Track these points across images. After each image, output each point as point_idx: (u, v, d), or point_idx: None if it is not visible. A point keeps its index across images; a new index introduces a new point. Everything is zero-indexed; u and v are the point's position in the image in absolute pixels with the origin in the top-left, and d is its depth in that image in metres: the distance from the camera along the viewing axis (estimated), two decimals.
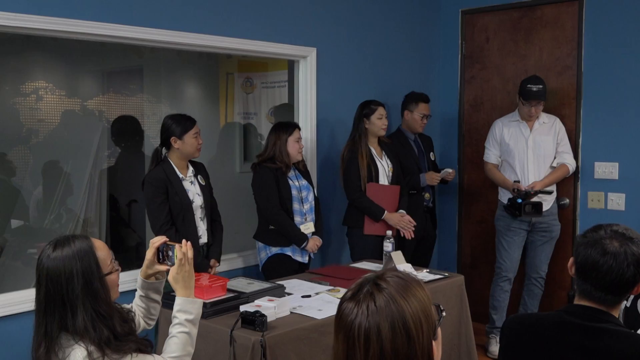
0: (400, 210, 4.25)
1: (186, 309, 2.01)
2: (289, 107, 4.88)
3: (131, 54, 5.04)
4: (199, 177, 3.57)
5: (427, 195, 4.61)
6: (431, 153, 4.76)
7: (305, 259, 3.92)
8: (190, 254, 2.05)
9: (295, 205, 3.86)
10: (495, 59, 5.03)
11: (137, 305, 2.25)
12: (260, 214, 3.89)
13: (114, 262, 1.96)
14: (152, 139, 5.15)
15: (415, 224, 4.22)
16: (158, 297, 2.26)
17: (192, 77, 5.61)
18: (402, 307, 1.29)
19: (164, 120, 3.50)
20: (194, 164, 3.59)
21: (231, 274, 3.78)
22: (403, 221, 4.17)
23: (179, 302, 2.02)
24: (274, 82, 5.38)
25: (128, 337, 1.88)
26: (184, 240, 2.09)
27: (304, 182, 3.96)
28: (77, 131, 4.85)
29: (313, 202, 3.98)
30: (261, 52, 4.15)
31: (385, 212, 4.13)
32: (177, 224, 3.42)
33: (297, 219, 3.87)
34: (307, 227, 3.90)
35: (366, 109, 4.21)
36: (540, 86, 4.25)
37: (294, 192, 3.86)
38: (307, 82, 4.36)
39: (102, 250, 1.91)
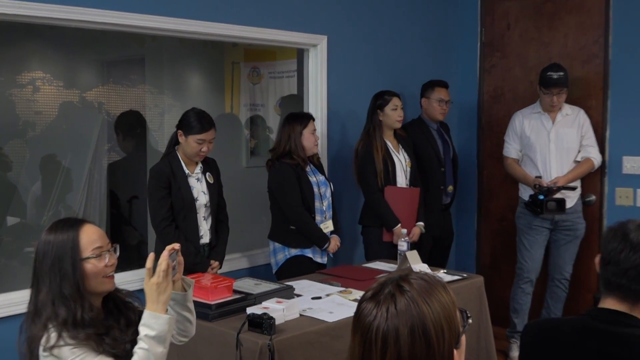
0: (419, 223, 4.24)
1: (148, 324, 1.94)
2: (298, 98, 4.88)
3: (132, 42, 5.06)
4: (207, 174, 3.55)
5: (450, 187, 4.58)
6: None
7: (324, 260, 3.92)
8: (164, 265, 1.96)
9: (316, 203, 3.85)
10: (517, 46, 5.00)
11: None
12: (280, 213, 3.86)
13: (101, 250, 1.99)
14: (154, 132, 5.17)
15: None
16: (187, 314, 2.17)
17: (196, 66, 5.63)
18: (423, 311, 1.29)
19: (188, 110, 3.46)
20: (205, 159, 3.55)
21: (236, 274, 3.79)
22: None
23: (144, 315, 1.97)
24: (282, 72, 5.38)
25: (89, 328, 1.91)
26: (167, 250, 2.01)
27: (321, 177, 3.95)
28: (75, 124, 4.87)
29: (330, 199, 3.96)
30: (269, 41, 4.15)
31: (399, 225, 4.08)
32: (178, 221, 3.41)
33: (317, 217, 3.85)
34: (327, 226, 3.88)
35: (380, 99, 4.20)
36: (561, 73, 4.23)
37: (314, 189, 3.85)
38: (317, 72, 4.36)
39: (89, 235, 1.98)
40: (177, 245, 2.05)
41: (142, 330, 1.93)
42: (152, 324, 1.93)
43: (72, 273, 1.94)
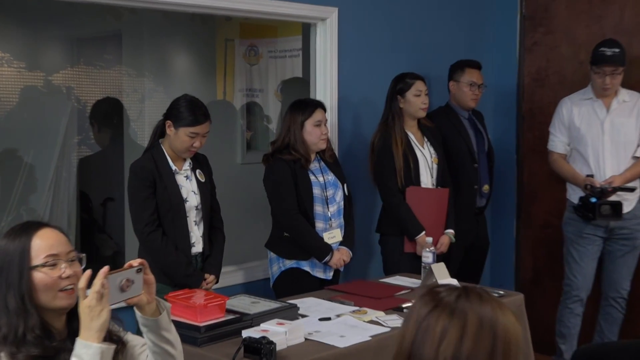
0: (448, 231, 4.23)
1: (78, 354, 1.93)
2: (303, 82, 4.87)
3: (107, 16, 5.06)
4: (197, 171, 3.55)
5: (485, 187, 4.57)
6: None
7: (329, 275, 3.90)
8: (97, 286, 1.94)
9: (318, 208, 3.84)
10: (564, 20, 4.99)
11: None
12: (274, 217, 3.88)
13: (57, 258, 1.99)
14: (132, 122, 5.16)
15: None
16: (165, 346, 2.10)
17: (183, 45, 5.64)
18: (497, 314, 1.38)
19: (179, 97, 3.46)
20: (195, 154, 3.55)
21: (229, 291, 3.78)
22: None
23: (76, 343, 1.96)
24: (284, 51, 5.39)
25: (33, 348, 1.92)
26: (106, 267, 1.99)
27: (331, 177, 3.93)
28: (40, 112, 4.89)
29: (342, 203, 3.95)
30: (269, 14, 4.15)
31: (423, 233, 4.07)
32: (165, 225, 3.41)
33: (319, 225, 3.84)
34: (333, 236, 3.87)
35: (400, 84, 4.20)
36: (617, 50, 4.22)
37: (317, 191, 3.84)
38: (326, 51, 4.35)
39: (44, 240, 2.00)
40: (135, 262, 2.05)
41: None
42: (82, 354, 1.91)
43: (17, 283, 1.95)
